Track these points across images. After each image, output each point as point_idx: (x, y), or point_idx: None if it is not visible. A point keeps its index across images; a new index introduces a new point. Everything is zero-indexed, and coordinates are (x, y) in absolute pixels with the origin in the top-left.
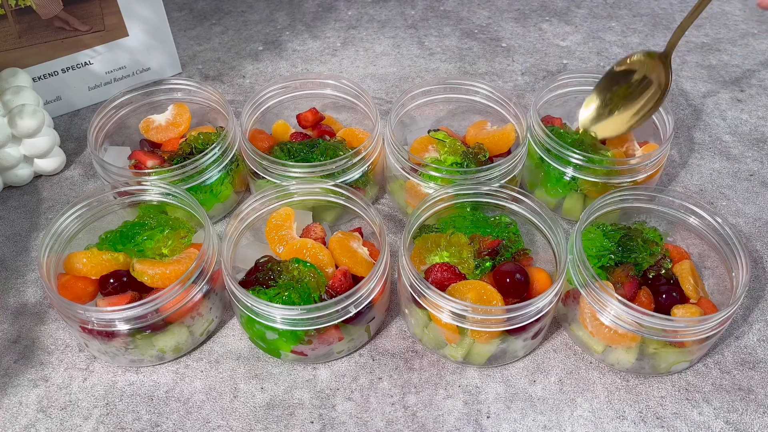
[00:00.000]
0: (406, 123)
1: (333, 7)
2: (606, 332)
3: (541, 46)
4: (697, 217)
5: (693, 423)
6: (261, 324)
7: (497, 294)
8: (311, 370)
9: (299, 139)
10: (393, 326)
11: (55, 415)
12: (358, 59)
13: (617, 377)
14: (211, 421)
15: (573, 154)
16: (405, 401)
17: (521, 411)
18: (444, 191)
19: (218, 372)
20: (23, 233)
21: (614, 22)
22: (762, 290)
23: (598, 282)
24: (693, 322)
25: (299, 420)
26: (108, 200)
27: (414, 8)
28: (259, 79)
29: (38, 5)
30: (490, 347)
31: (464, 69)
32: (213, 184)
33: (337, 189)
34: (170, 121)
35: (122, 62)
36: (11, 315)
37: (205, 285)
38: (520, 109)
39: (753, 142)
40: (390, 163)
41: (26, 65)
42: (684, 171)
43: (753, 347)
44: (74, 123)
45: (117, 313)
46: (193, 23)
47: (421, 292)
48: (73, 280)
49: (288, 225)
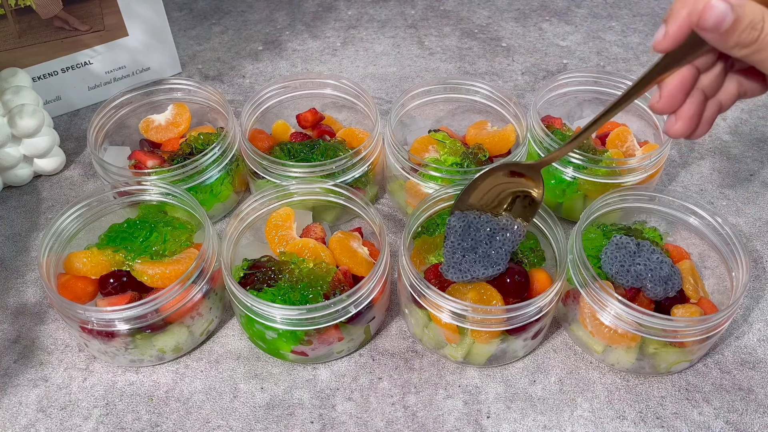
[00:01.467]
0: (406, 123)
1: (333, 7)
2: (606, 332)
3: (541, 46)
4: (697, 217)
5: (693, 423)
6: (261, 324)
7: (497, 294)
8: (311, 370)
9: (299, 139)
10: (393, 326)
11: (55, 415)
12: (358, 59)
13: (617, 377)
14: (211, 421)
15: (573, 154)
16: (405, 401)
17: (521, 411)
18: (444, 191)
19: (218, 372)
20: (23, 233)
21: (614, 22)
22: (762, 290)
23: (598, 282)
24: (693, 322)
25: (299, 420)
26: (108, 200)
27: (414, 8)
28: (259, 79)
29: (38, 5)
30: (490, 347)
31: (464, 69)
32: (213, 184)
33: (337, 189)
34: (170, 121)
35: (122, 62)
36: (11, 315)
37: (205, 285)
38: (520, 109)
39: (753, 142)
40: (390, 163)
41: (26, 65)
42: (684, 171)
43: (753, 347)
44: (74, 123)
45: (117, 313)
46: (193, 23)
47: (421, 292)
48: (73, 280)
49: (288, 225)
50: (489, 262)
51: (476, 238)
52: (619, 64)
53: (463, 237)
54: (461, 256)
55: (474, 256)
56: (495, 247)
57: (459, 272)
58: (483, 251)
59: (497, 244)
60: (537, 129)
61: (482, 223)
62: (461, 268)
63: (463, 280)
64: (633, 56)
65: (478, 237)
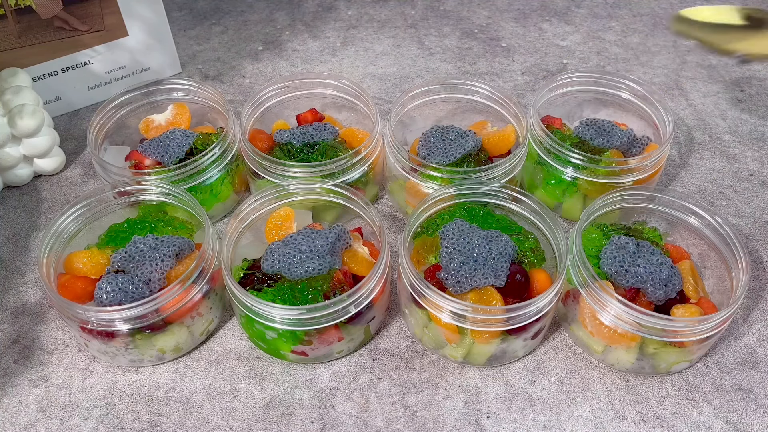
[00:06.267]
0: (406, 123)
1: (333, 7)
2: (606, 332)
3: (541, 46)
4: (697, 217)
5: (693, 423)
6: (261, 324)
7: (497, 294)
8: (311, 370)
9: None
10: (393, 326)
11: (55, 415)
12: (358, 59)
13: (617, 377)
14: (211, 421)
15: (573, 154)
16: (405, 401)
17: (521, 411)
18: (444, 191)
19: (218, 372)
20: (23, 233)
21: (614, 22)
22: (762, 290)
23: (598, 282)
24: (693, 322)
25: (299, 420)
26: (108, 200)
27: (414, 8)
28: (259, 79)
29: (38, 5)
30: (490, 347)
31: (464, 69)
32: (213, 184)
33: (337, 189)
34: (170, 120)
35: (122, 62)
36: (11, 315)
37: (205, 285)
38: (520, 109)
39: (753, 142)
40: (390, 163)
41: (26, 65)
42: (684, 171)
43: (753, 347)
44: (74, 123)
45: (117, 313)
46: (192, 23)
47: (421, 292)
48: (73, 279)
49: (288, 225)
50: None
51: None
52: (619, 64)
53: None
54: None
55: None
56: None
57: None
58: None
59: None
60: (537, 129)
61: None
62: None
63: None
64: (633, 56)
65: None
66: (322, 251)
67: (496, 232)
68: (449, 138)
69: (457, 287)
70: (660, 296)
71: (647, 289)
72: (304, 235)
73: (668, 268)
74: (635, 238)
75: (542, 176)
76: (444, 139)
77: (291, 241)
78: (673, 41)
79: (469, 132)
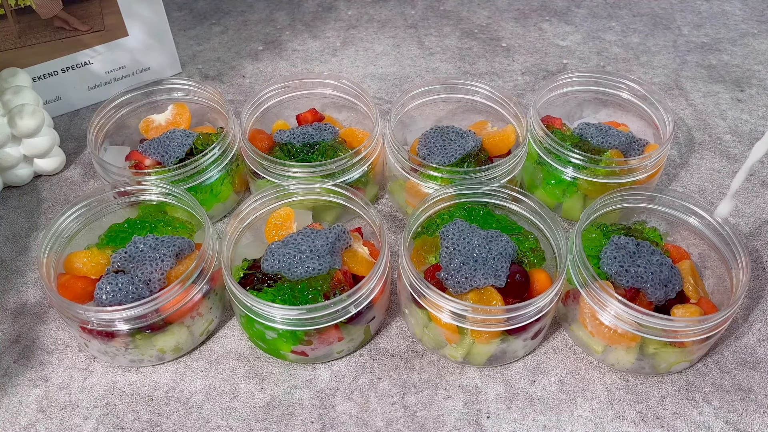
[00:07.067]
0: (406, 123)
1: (333, 7)
2: (606, 332)
3: (541, 46)
4: (697, 217)
5: (693, 423)
6: (261, 324)
7: (497, 294)
8: (311, 370)
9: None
10: (393, 326)
11: (55, 415)
12: (358, 59)
13: (617, 377)
14: (211, 421)
15: (573, 154)
16: (405, 401)
17: (521, 411)
18: (444, 191)
19: (218, 372)
20: (23, 233)
21: (614, 22)
22: (762, 290)
23: (598, 282)
24: (693, 322)
25: (299, 420)
26: (108, 200)
27: (414, 8)
28: (259, 79)
29: (38, 5)
30: (490, 347)
31: (464, 69)
32: (213, 184)
33: (337, 189)
34: (170, 120)
35: (122, 62)
36: (11, 315)
37: (205, 285)
38: (520, 109)
39: (753, 142)
40: (390, 163)
41: (26, 65)
42: (684, 171)
43: (753, 347)
44: (74, 123)
45: (117, 313)
46: (192, 23)
47: (421, 292)
48: (73, 280)
49: (288, 225)
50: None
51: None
52: (619, 64)
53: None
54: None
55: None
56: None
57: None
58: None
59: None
60: (537, 129)
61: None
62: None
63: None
64: (633, 56)
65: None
66: (322, 251)
67: (496, 232)
68: (449, 138)
69: (457, 287)
70: (660, 296)
71: (647, 290)
72: (304, 235)
73: (668, 268)
74: (635, 238)
75: (542, 176)
76: (444, 139)
77: (291, 241)
78: (673, 41)
79: (469, 132)
